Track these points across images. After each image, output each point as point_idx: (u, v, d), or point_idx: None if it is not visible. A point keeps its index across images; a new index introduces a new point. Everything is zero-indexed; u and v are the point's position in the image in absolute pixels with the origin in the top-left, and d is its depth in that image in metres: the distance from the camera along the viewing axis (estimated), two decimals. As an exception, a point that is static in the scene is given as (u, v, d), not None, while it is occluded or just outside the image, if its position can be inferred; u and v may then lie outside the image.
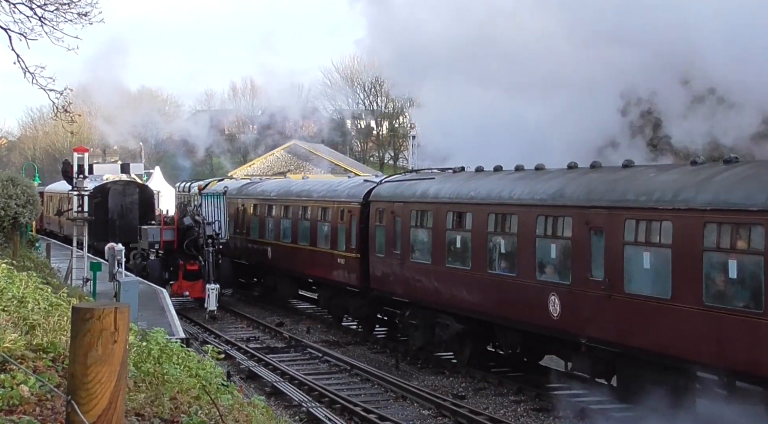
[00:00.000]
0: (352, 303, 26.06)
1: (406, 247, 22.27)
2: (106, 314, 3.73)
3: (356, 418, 16.95)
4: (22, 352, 6.79)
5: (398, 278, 22.68)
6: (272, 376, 20.45)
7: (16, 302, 9.18)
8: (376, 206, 24.04)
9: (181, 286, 30.83)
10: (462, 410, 17.05)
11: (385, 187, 24.40)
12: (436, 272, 20.95)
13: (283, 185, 33.45)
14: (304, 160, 63.23)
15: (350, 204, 25.66)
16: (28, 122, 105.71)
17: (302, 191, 30.29)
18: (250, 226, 33.99)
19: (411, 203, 22.25)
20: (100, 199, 39.02)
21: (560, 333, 17.15)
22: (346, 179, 29.45)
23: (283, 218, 30.81)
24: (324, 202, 27.70)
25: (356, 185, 26.47)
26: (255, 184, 36.53)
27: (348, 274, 25.44)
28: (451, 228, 20.52)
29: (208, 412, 6.68)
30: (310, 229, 28.38)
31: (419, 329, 22.03)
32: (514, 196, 18.48)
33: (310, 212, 28.60)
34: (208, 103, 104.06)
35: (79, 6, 19.26)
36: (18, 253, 23.63)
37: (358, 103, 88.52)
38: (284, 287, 31.89)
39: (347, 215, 25.65)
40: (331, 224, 26.85)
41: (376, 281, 23.97)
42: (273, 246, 31.47)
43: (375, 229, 24.01)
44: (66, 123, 21.53)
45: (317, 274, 28.24)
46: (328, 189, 28.31)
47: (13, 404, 5.50)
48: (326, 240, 27.10)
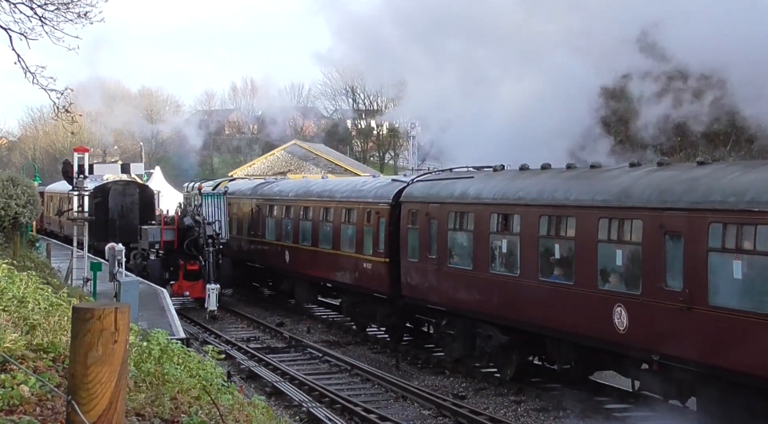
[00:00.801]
0: (379, 311, 24.43)
1: (443, 251, 20.71)
2: (106, 314, 3.72)
3: (356, 418, 16.94)
4: (23, 352, 6.78)
5: (434, 285, 21.13)
6: (272, 376, 20.44)
7: (17, 302, 9.18)
8: (408, 207, 22.41)
9: (182, 286, 30.84)
10: (462, 410, 17.05)
11: (418, 187, 22.71)
12: (478, 279, 19.35)
13: (301, 185, 31.66)
14: (304, 160, 63.22)
15: (378, 205, 23.97)
16: (28, 122, 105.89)
17: (324, 191, 28.45)
18: (266, 228, 32.39)
19: (448, 204, 20.68)
20: (101, 199, 39.08)
21: (627, 348, 15.45)
22: (370, 179, 27.72)
23: (303, 219, 29.11)
24: (348, 203, 25.97)
25: (384, 185, 24.71)
26: (270, 184, 34.83)
27: (375, 280, 23.88)
28: (495, 231, 18.96)
29: (208, 412, 6.68)
30: (333, 231, 26.73)
31: (457, 339, 20.63)
32: (571, 197, 16.80)
33: (333, 214, 26.90)
34: (209, 103, 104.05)
35: (79, 6, 19.25)
36: (18, 253, 23.63)
37: (358, 103, 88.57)
38: (303, 292, 30.28)
39: (374, 216, 24.04)
40: (356, 226, 25.16)
41: (408, 287, 22.37)
42: (291, 249, 29.96)
43: (407, 232, 22.41)
44: (66, 123, 21.51)
45: (340, 279, 26.44)
46: (353, 189, 26.51)
47: (13, 404, 5.50)
48: (351, 243, 25.48)
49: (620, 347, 15.57)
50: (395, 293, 22.86)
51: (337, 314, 29.86)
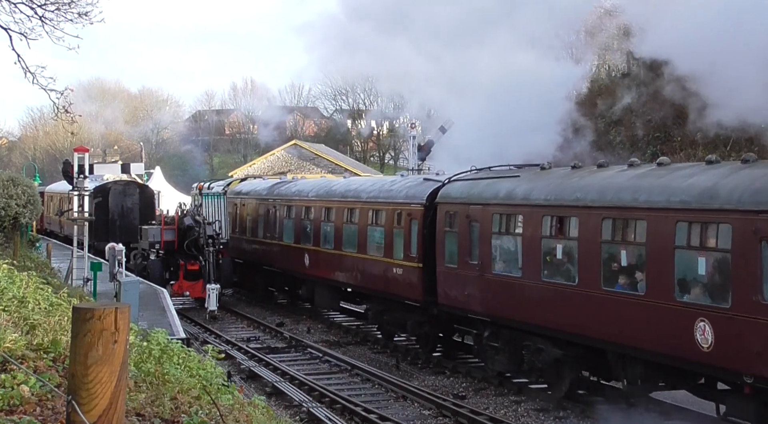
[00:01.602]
0: (410, 319, 22.78)
1: (486, 257, 19.07)
2: (106, 314, 3.73)
3: (357, 418, 16.94)
4: (23, 352, 6.79)
5: (475, 293, 19.41)
6: (273, 376, 20.45)
7: (17, 302, 9.19)
8: (445, 209, 20.69)
9: (182, 286, 30.84)
10: (462, 410, 17.04)
11: (456, 187, 20.88)
12: (528, 288, 17.69)
13: (323, 185, 29.72)
14: (304, 160, 63.24)
15: (410, 206, 22.22)
16: (28, 122, 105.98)
17: (348, 192, 26.55)
18: (284, 229, 30.57)
19: (492, 206, 18.99)
20: (101, 199, 39.14)
21: (712, 369, 13.89)
22: (398, 178, 25.74)
23: (324, 221, 27.31)
24: (376, 203, 24.18)
25: (416, 185, 22.95)
26: (287, 183, 32.92)
27: (407, 286, 22.17)
28: (549, 235, 17.27)
29: (208, 412, 6.68)
30: (358, 234, 24.92)
31: (502, 352, 18.96)
32: (640, 198, 15.04)
33: (358, 215, 25.08)
34: (209, 103, 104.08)
35: (79, 6, 19.26)
36: (18, 253, 23.64)
37: (358, 103, 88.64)
38: (323, 297, 28.46)
39: (406, 218, 22.31)
40: (385, 228, 23.45)
41: (444, 295, 20.66)
42: (311, 252, 28.10)
43: (444, 235, 20.69)
44: (67, 123, 21.52)
45: (366, 285, 24.67)
46: (380, 189, 24.62)
47: (13, 404, 5.51)
48: (378, 247, 23.78)
49: (704, 366, 13.95)
50: (429, 301, 21.20)
51: (361, 322, 28.37)
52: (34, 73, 19.44)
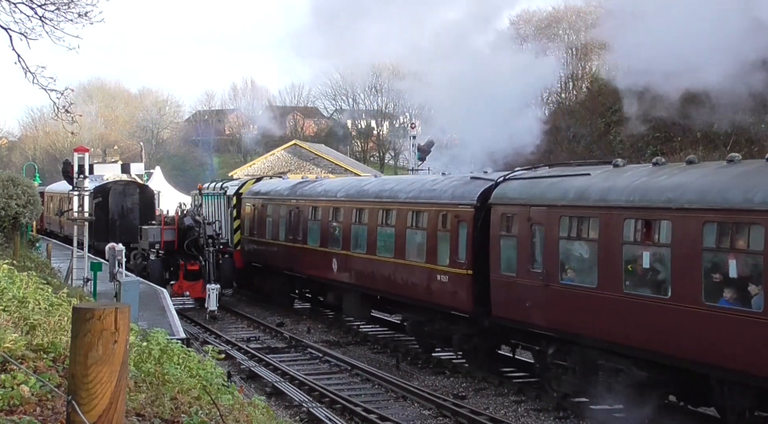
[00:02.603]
0: (456, 331, 20.69)
1: (552, 264, 16.98)
2: (106, 314, 3.73)
3: (357, 418, 16.94)
4: (23, 352, 6.79)
5: (539, 305, 17.32)
6: (273, 376, 20.44)
7: (17, 302, 9.19)
8: (501, 211, 18.72)
9: (182, 286, 30.84)
10: (462, 410, 17.03)
11: (513, 186, 18.94)
12: (606, 300, 15.56)
13: (353, 185, 27.64)
14: (304, 160, 63.27)
15: (457, 207, 20.26)
16: (28, 122, 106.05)
17: (382, 192, 24.48)
18: (308, 232, 28.51)
19: (560, 207, 16.87)
20: (101, 199, 39.17)
21: None
22: (439, 177, 23.52)
23: (355, 223, 25.29)
24: (416, 204, 22.18)
25: (463, 184, 20.93)
26: (312, 183, 30.80)
27: (453, 295, 20.20)
28: (632, 241, 15.08)
29: (208, 412, 6.68)
30: (395, 237, 22.94)
31: (571, 371, 16.84)
32: (755, 199, 12.90)
33: (395, 217, 23.06)
34: (209, 103, 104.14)
35: (79, 6, 19.26)
36: (18, 253, 23.65)
37: (358, 103, 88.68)
38: (352, 305, 26.24)
39: (452, 220, 20.35)
40: (427, 232, 21.42)
41: (500, 306, 18.64)
42: (340, 257, 26.07)
43: (499, 240, 18.71)
44: (67, 123, 21.52)
45: (403, 293, 22.74)
46: (421, 189, 22.59)
47: (13, 404, 5.51)
48: (419, 252, 21.83)
49: None
50: (480, 312, 19.28)
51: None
52: (34, 73, 19.46)
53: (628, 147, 39.71)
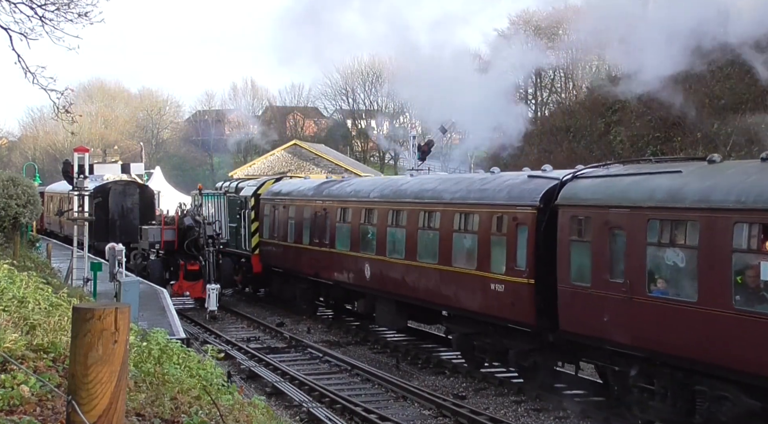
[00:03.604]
0: (513, 346, 18.77)
1: (637, 274, 14.92)
2: (106, 314, 3.73)
3: (357, 418, 16.94)
4: (23, 352, 6.79)
5: (620, 319, 15.27)
6: (273, 376, 20.45)
7: (17, 302, 9.19)
8: (571, 213, 16.71)
9: (182, 286, 30.86)
10: (462, 410, 17.03)
11: (585, 186, 16.94)
12: (709, 317, 13.64)
13: (388, 184, 25.42)
14: (304, 160, 63.29)
15: (516, 209, 18.33)
16: (28, 122, 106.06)
17: (423, 191, 22.51)
18: (336, 236, 26.64)
19: (648, 209, 14.82)
20: (101, 199, 39.17)
21: None
22: (489, 176, 21.24)
23: (392, 226, 23.33)
24: (464, 206, 20.26)
25: (521, 183, 19.01)
26: (339, 183, 28.98)
27: (511, 306, 18.24)
28: (745, 249, 13.07)
29: (208, 412, 6.68)
30: (440, 242, 20.97)
31: (660, 396, 14.92)
32: None
33: (440, 219, 21.11)
34: (209, 103, 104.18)
35: (79, 6, 19.27)
36: (18, 253, 23.64)
37: (358, 103, 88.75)
38: (387, 314, 24.33)
39: (510, 223, 18.44)
40: (479, 235, 19.48)
41: (569, 319, 16.64)
42: (373, 262, 24.16)
43: (568, 245, 16.68)
44: (67, 123, 21.53)
45: (448, 303, 20.92)
46: (469, 188, 20.60)
47: (13, 404, 5.51)
48: (468, 258, 19.88)
49: None
50: (544, 325, 17.45)
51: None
52: (34, 73, 19.46)
53: (628, 147, 39.71)
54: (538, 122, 57.35)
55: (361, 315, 27.32)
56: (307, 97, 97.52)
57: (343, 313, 29.34)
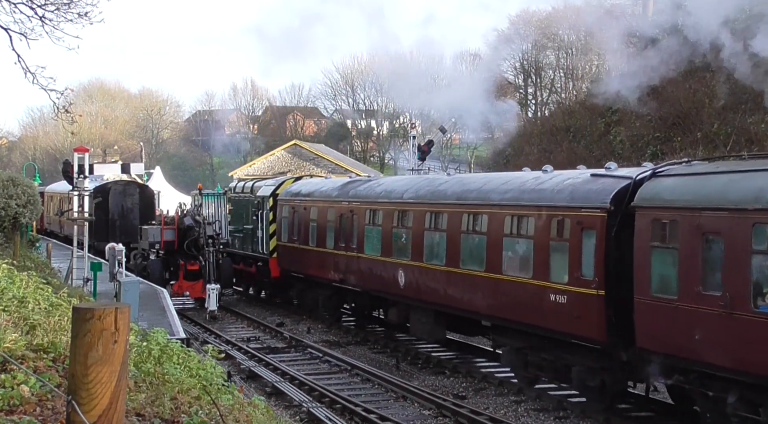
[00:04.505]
0: (576, 363, 16.91)
1: (739, 286, 13.16)
2: (106, 314, 3.73)
3: (357, 418, 16.95)
4: (23, 352, 6.79)
5: (717, 337, 13.54)
6: (273, 376, 20.45)
7: (17, 302, 9.19)
8: (653, 216, 14.83)
9: (182, 286, 30.87)
10: (462, 410, 17.03)
11: (669, 185, 15.05)
12: None
13: (423, 184, 23.43)
14: (304, 160, 63.29)
15: (581, 212, 16.49)
16: (28, 122, 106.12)
17: (466, 192, 20.72)
18: (365, 239, 24.84)
19: (754, 212, 12.96)
20: (101, 199, 39.17)
21: None
22: (540, 173, 19.42)
23: (430, 229, 21.60)
24: (517, 208, 18.47)
25: (584, 182, 17.21)
26: (367, 182, 27.07)
27: (575, 319, 16.38)
28: None
29: (208, 412, 6.69)
30: (487, 247, 19.18)
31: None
32: None
33: (487, 223, 19.34)
34: (209, 103, 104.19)
35: (79, 6, 19.27)
36: (18, 253, 23.63)
37: (358, 103, 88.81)
38: (423, 324, 22.50)
39: (574, 227, 16.60)
40: (535, 241, 17.64)
41: (649, 336, 14.83)
42: (408, 269, 22.36)
43: (649, 252, 14.83)
44: (67, 123, 21.54)
45: (497, 314, 19.09)
46: (521, 189, 18.87)
47: (13, 404, 5.51)
48: (523, 265, 18.11)
49: None
50: (615, 342, 15.65)
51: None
52: (34, 73, 19.46)
53: (628, 147, 39.70)
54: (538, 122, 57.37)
55: (389, 324, 25.86)
56: (307, 97, 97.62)
57: (369, 321, 27.76)
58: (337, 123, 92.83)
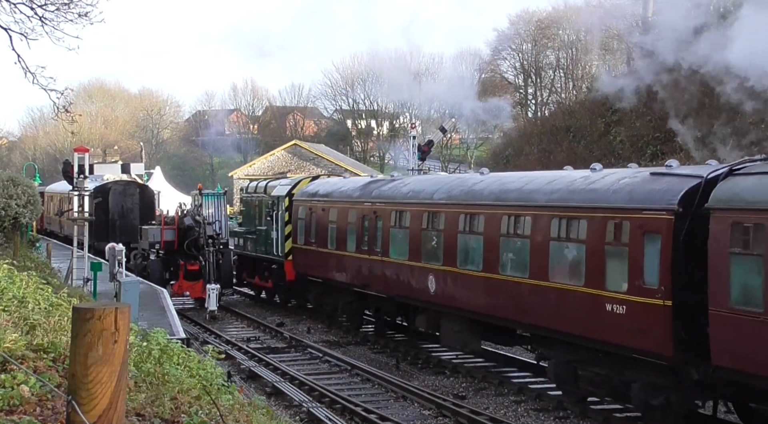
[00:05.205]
0: (637, 379, 15.39)
1: None
2: (106, 314, 3.73)
3: (357, 418, 16.94)
4: (23, 352, 6.80)
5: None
6: (273, 376, 20.45)
7: (17, 302, 9.20)
8: (733, 219, 13.41)
9: (182, 286, 30.88)
10: (462, 410, 17.03)
11: (753, 185, 13.57)
12: None
13: (455, 183, 22.06)
14: (304, 160, 63.30)
15: (644, 214, 14.99)
16: (28, 122, 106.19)
17: (506, 193, 19.39)
18: (390, 242, 23.43)
19: None
20: (101, 199, 39.17)
21: None
22: (588, 173, 17.89)
23: (464, 232, 20.17)
24: (566, 209, 16.99)
25: (644, 182, 15.73)
26: (391, 182, 25.60)
27: (637, 332, 14.94)
28: None
29: (208, 412, 6.69)
30: (531, 252, 17.77)
31: None
32: None
33: (530, 226, 17.93)
34: (209, 103, 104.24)
35: (79, 6, 19.29)
36: (19, 253, 23.64)
37: (358, 103, 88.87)
38: (454, 334, 21.11)
39: (635, 231, 15.12)
40: (587, 245, 16.18)
41: (728, 353, 13.40)
42: (440, 274, 21.02)
43: (727, 259, 13.37)
44: (67, 123, 21.55)
45: (543, 323, 17.60)
46: (570, 189, 17.40)
47: (13, 404, 5.51)
48: (573, 271, 16.61)
49: None
50: (685, 358, 14.33)
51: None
52: (34, 73, 19.48)
53: (628, 147, 39.72)
54: (538, 122, 57.39)
55: (414, 332, 24.89)
56: (307, 97, 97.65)
57: (390, 328, 26.41)
58: (337, 123, 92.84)
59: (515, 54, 68.10)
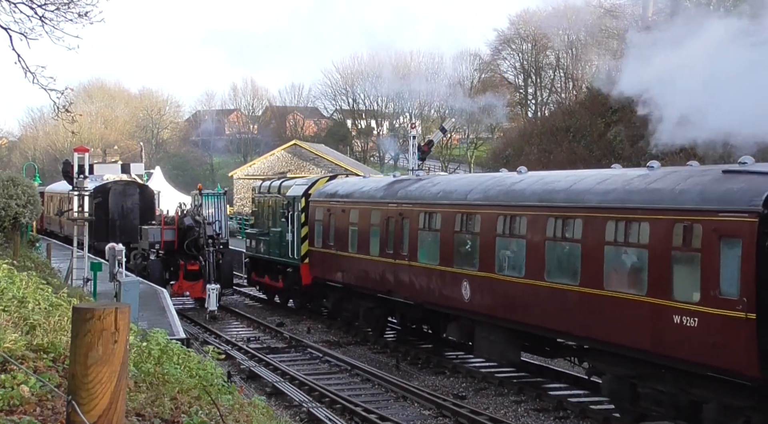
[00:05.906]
0: (710, 399, 13.93)
1: None
2: (106, 314, 3.73)
3: (357, 418, 16.95)
4: (23, 352, 6.79)
5: None
6: (273, 376, 20.45)
7: (17, 302, 9.19)
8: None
9: (182, 286, 30.88)
10: (462, 410, 17.03)
11: None
12: None
13: (491, 183, 20.59)
14: (304, 160, 63.30)
15: (720, 216, 13.43)
16: (28, 122, 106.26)
17: (551, 193, 17.81)
18: (418, 246, 22.09)
19: None
20: (101, 199, 39.19)
21: None
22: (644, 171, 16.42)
23: (503, 235, 18.81)
24: (625, 211, 15.44)
25: (715, 180, 14.19)
26: (418, 181, 24.06)
27: (710, 347, 13.42)
28: None
29: (208, 412, 6.69)
30: (583, 257, 16.24)
31: None
32: None
33: (581, 229, 16.43)
34: (209, 103, 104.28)
35: (79, 6, 19.29)
36: (18, 253, 23.63)
37: (358, 103, 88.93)
38: (493, 344, 19.69)
39: (708, 235, 13.59)
40: (650, 251, 14.69)
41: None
42: (475, 280, 19.62)
43: None
44: (67, 123, 21.56)
45: (596, 335, 16.03)
46: (627, 189, 15.86)
47: (13, 404, 5.51)
48: (634, 279, 15.20)
49: None
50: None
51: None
52: (34, 73, 19.48)
53: (628, 147, 39.72)
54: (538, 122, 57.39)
55: (442, 341, 23.74)
56: (307, 97, 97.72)
57: (414, 336, 25.14)
58: (337, 123, 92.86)
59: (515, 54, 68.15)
